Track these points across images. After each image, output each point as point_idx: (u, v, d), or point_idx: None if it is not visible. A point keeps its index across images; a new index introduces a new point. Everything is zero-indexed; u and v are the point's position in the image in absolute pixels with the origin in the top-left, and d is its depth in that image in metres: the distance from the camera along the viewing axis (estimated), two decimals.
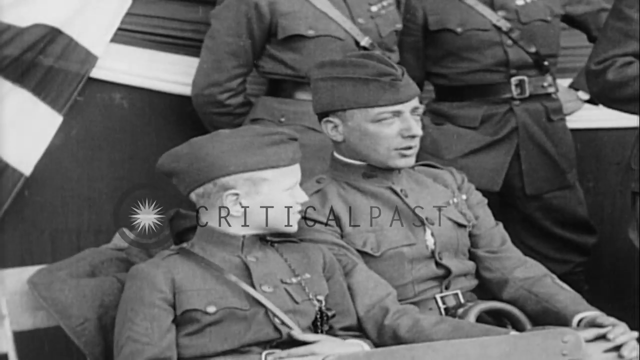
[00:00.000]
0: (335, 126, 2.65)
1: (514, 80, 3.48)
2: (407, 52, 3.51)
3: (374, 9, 3.35)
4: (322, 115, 2.67)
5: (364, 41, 3.29)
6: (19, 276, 2.61)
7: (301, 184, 2.60)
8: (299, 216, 2.52)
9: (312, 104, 2.70)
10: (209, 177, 2.45)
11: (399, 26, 3.43)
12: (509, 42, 3.47)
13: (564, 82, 3.66)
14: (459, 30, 3.47)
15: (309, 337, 2.43)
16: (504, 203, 3.53)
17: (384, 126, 2.60)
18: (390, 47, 3.38)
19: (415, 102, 2.63)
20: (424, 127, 2.74)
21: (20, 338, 2.61)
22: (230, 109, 3.32)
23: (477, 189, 2.85)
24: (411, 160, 2.66)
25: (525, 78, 3.49)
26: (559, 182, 3.56)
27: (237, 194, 2.45)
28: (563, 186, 3.57)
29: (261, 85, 3.44)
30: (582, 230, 3.62)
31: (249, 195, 2.45)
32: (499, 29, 3.46)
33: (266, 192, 2.45)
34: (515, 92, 3.49)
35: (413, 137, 2.61)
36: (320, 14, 3.28)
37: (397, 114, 2.60)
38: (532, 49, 3.47)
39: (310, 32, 3.26)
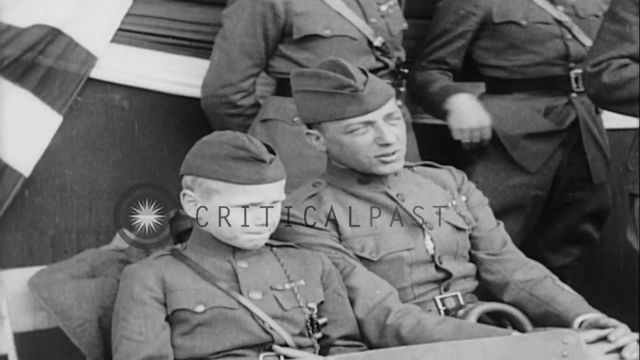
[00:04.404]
0: (317, 137, 2.65)
1: (573, 73, 3.51)
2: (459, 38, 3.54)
3: (383, 8, 3.37)
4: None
5: (377, 41, 3.30)
6: (19, 277, 2.62)
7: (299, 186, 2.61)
8: (255, 238, 2.47)
9: None
10: (180, 173, 2.49)
11: (405, 25, 3.45)
12: (569, 35, 3.50)
13: None
14: (523, 22, 3.50)
15: (291, 352, 2.43)
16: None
17: (357, 136, 2.59)
18: (398, 45, 3.40)
19: (388, 109, 2.60)
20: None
21: (21, 339, 2.61)
22: (242, 109, 3.30)
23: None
24: (396, 165, 2.64)
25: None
26: (607, 173, 3.60)
27: (192, 196, 2.46)
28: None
29: (269, 87, 3.43)
30: (599, 224, 3.65)
31: (202, 201, 2.45)
32: (559, 22, 3.50)
33: (215, 203, 2.44)
34: (574, 85, 3.51)
35: (388, 144, 2.60)
36: (334, 13, 3.28)
37: (369, 123, 2.58)
38: (589, 43, 3.50)
39: (326, 32, 3.26)
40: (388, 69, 3.32)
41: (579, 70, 3.48)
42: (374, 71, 3.24)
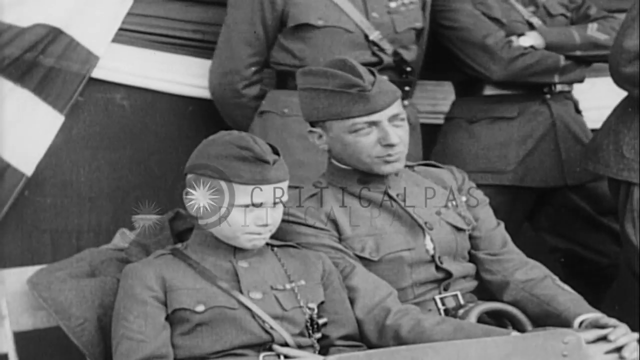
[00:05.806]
0: (320, 136, 2.65)
1: None
2: None
3: (392, 4, 3.37)
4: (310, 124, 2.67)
5: (373, 35, 3.30)
6: (19, 276, 2.61)
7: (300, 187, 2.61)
8: (255, 238, 2.46)
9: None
10: (184, 171, 2.49)
11: (419, 25, 3.43)
12: None
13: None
14: (504, 20, 3.51)
15: (292, 351, 2.43)
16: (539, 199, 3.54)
17: (361, 136, 2.59)
18: (405, 44, 3.38)
19: (393, 110, 2.60)
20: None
21: (20, 338, 2.61)
22: (245, 100, 3.31)
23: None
24: (398, 165, 2.64)
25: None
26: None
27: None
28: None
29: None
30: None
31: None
32: (530, 24, 3.50)
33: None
34: (546, 87, 3.50)
35: (392, 145, 2.60)
36: (332, 5, 3.29)
37: (373, 123, 2.58)
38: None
39: (320, 22, 3.26)
40: (382, 64, 3.30)
41: None
42: (369, 65, 3.25)
